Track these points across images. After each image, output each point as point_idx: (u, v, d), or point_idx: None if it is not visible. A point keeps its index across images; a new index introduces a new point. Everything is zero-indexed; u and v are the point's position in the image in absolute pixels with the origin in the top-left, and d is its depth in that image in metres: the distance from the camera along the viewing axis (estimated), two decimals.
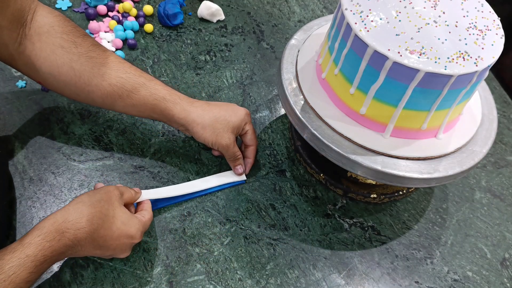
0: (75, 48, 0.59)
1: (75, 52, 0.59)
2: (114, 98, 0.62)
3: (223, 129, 0.64)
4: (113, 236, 0.53)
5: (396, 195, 0.68)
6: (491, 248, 0.68)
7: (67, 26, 0.60)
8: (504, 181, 0.76)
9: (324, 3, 0.99)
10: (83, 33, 0.61)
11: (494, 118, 0.64)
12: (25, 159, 0.66)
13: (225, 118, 0.64)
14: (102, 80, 0.60)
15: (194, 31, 0.88)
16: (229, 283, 0.60)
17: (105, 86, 0.61)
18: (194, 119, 0.63)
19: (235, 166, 0.67)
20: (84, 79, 0.60)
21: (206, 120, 0.63)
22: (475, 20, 0.54)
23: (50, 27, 0.59)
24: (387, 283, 0.62)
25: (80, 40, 0.60)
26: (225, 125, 0.64)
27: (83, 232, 0.51)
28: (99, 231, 0.52)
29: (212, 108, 0.65)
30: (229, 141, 0.64)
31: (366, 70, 0.53)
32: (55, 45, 0.58)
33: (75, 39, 0.60)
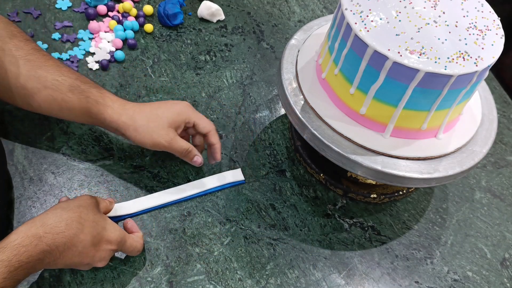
0: (16, 51, 0.59)
1: (15, 55, 0.59)
2: (49, 102, 0.61)
3: (157, 127, 0.60)
4: (93, 242, 0.52)
5: (396, 195, 0.68)
6: (491, 248, 0.68)
7: (12, 31, 0.61)
8: (504, 181, 0.76)
9: (324, 3, 0.99)
10: (26, 38, 0.62)
11: (494, 118, 0.64)
12: (25, 159, 0.66)
13: (158, 115, 0.60)
14: (38, 83, 0.60)
15: (194, 31, 0.88)
16: (229, 283, 0.60)
17: (40, 89, 0.60)
18: (125, 122, 0.60)
19: (191, 160, 0.63)
20: (21, 82, 0.59)
21: (138, 121, 0.60)
22: (475, 20, 0.54)
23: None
24: (387, 283, 0.62)
25: (22, 44, 0.60)
26: (159, 122, 0.60)
27: (62, 237, 0.49)
28: (79, 235, 0.50)
29: (144, 108, 0.61)
30: (168, 137, 0.60)
31: (366, 70, 0.53)
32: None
33: (17, 42, 0.60)
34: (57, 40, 0.80)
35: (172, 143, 0.61)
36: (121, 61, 0.80)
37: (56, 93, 0.60)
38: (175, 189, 0.66)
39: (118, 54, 0.79)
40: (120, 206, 0.63)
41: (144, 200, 0.64)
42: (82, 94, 0.60)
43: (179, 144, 0.61)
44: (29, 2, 0.85)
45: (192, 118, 0.63)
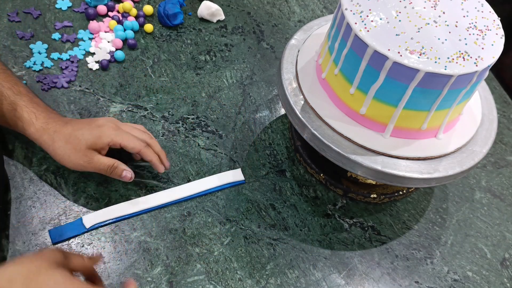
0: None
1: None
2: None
3: (75, 149, 0.58)
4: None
5: (396, 195, 0.68)
6: (491, 248, 0.68)
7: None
8: (504, 181, 0.76)
9: (324, 3, 0.99)
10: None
11: (494, 118, 0.64)
12: (25, 159, 0.66)
13: (77, 137, 0.58)
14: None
15: (194, 31, 0.88)
16: (229, 283, 0.60)
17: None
18: (45, 141, 0.59)
19: (120, 176, 0.61)
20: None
21: (56, 141, 0.58)
22: (475, 20, 0.54)
23: None
24: (387, 283, 0.62)
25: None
26: (76, 144, 0.58)
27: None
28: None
29: (67, 127, 0.59)
30: (86, 159, 0.58)
31: (366, 70, 0.53)
32: None
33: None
34: (57, 40, 0.80)
35: (92, 163, 0.59)
36: (121, 61, 0.80)
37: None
38: (175, 189, 0.66)
39: (118, 54, 0.79)
40: (120, 206, 0.63)
41: (144, 200, 0.64)
42: (10, 106, 0.59)
43: (100, 162, 0.59)
44: (29, 2, 0.85)
45: (117, 140, 0.60)
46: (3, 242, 0.59)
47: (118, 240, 0.61)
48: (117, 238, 0.61)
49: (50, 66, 0.77)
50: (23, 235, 0.60)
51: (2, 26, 0.80)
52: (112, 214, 0.62)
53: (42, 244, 0.59)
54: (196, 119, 0.75)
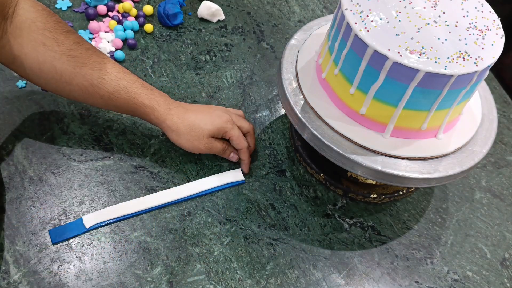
0: (57, 46, 0.59)
1: (57, 50, 0.59)
2: (95, 98, 0.63)
3: (198, 136, 0.64)
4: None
5: (396, 195, 0.68)
6: (491, 248, 0.68)
7: (50, 22, 0.60)
8: (504, 181, 0.76)
9: (324, 3, 0.99)
10: (66, 30, 0.61)
11: (494, 118, 0.64)
12: (25, 159, 0.66)
13: (200, 126, 0.64)
14: (84, 80, 0.61)
15: (194, 31, 0.88)
16: (229, 283, 0.60)
17: (87, 86, 0.61)
18: (169, 126, 0.64)
19: (228, 157, 0.68)
20: (66, 78, 0.60)
21: (181, 128, 0.64)
22: (475, 20, 0.54)
23: (32, 22, 0.58)
24: (387, 283, 0.62)
25: (62, 38, 0.60)
26: (200, 133, 0.64)
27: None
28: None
29: (189, 115, 0.65)
30: (207, 146, 0.65)
31: (366, 70, 0.53)
32: (37, 42, 0.58)
33: (57, 36, 0.59)
34: None
35: (211, 149, 0.66)
36: (121, 61, 0.80)
37: (103, 91, 0.62)
38: (175, 189, 0.66)
39: (118, 54, 0.79)
40: (120, 206, 0.63)
41: (144, 200, 0.64)
42: (128, 95, 0.62)
43: (216, 146, 0.66)
44: None
45: (229, 134, 0.66)
46: (3, 242, 0.59)
47: (118, 240, 0.61)
48: (117, 238, 0.61)
49: None
50: (23, 235, 0.60)
51: None
52: (112, 214, 0.62)
53: (42, 244, 0.59)
54: None
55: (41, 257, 0.58)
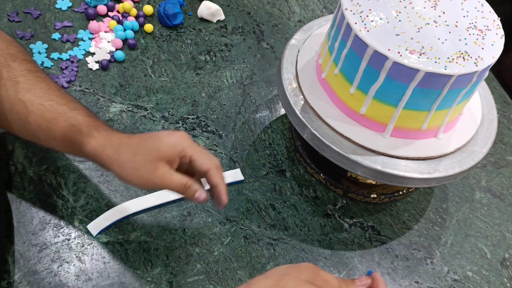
0: (6, 72, 0.55)
1: (4, 76, 0.54)
2: (34, 129, 0.54)
3: (144, 160, 0.49)
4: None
5: (396, 195, 0.68)
6: (491, 248, 0.68)
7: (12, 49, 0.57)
8: (504, 181, 0.76)
9: (324, 3, 0.99)
10: (24, 58, 0.57)
11: (494, 118, 0.64)
12: (25, 159, 0.66)
13: (146, 146, 0.50)
14: (23, 107, 0.54)
15: (194, 31, 0.88)
16: (229, 283, 0.60)
17: (26, 114, 0.54)
18: (109, 155, 0.51)
19: (193, 197, 0.52)
20: (8, 106, 0.54)
21: (123, 154, 0.50)
22: (475, 20, 0.54)
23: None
24: (387, 283, 0.62)
25: (16, 64, 0.55)
26: (147, 155, 0.49)
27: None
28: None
29: (132, 139, 0.52)
30: (158, 172, 0.49)
31: (366, 70, 0.53)
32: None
33: (10, 62, 0.55)
34: (57, 40, 0.80)
35: (164, 180, 0.50)
36: (121, 61, 0.80)
37: (42, 120, 0.53)
38: None
39: (118, 54, 0.79)
40: (120, 206, 0.63)
41: (144, 199, 0.64)
42: (66, 122, 0.53)
43: (173, 178, 0.50)
44: (29, 2, 0.85)
45: (189, 151, 0.51)
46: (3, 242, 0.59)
47: (118, 240, 0.61)
48: (117, 238, 0.61)
49: (50, 66, 0.77)
50: (23, 235, 0.60)
51: (2, 26, 0.80)
52: (114, 216, 0.62)
53: (42, 244, 0.59)
54: (196, 119, 0.75)
55: (41, 257, 0.58)
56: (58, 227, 0.61)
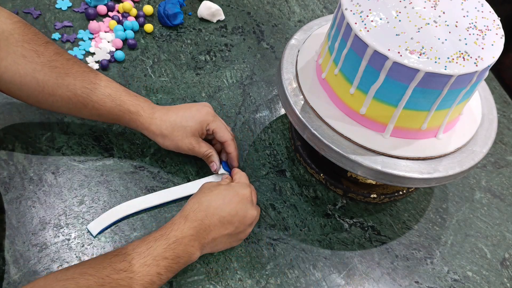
0: (38, 58, 0.59)
1: (37, 61, 0.59)
2: (79, 108, 0.62)
3: (181, 136, 0.63)
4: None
5: (396, 195, 0.68)
6: (491, 248, 0.68)
7: (28, 34, 0.59)
8: (504, 181, 0.76)
9: (324, 3, 0.99)
10: (45, 41, 0.61)
11: (494, 118, 0.64)
12: (25, 159, 0.66)
13: (182, 124, 0.63)
14: (67, 90, 0.60)
15: (194, 31, 0.88)
16: (229, 283, 0.60)
17: (70, 96, 0.61)
18: (153, 131, 0.63)
19: (209, 164, 0.67)
20: (48, 90, 0.60)
21: (164, 130, 0.63)
22: (475, 20, 0.54)
23: (10, 34, 0.58)
24: (387, 283, 0.62)
25: (42, 49, 0.59)
26: (183, 131, 0.63)
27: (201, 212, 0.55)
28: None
29: (170, 115, 0.64)
30: (191, 146, 0.64)
31: (366, 70, 0.53)
32: (16, 54, 0.58)
33: (36, 47, 0.59)
34: (57, 40, 0.80)
35: (195, 150, 0.65)
36: (121, 61, 0.80)
37: (87, 101, 0.61)
38: (175, 188, 0.66)
39: (118, 54, 0.79)
40: (120, 206, 0.63)
41: (144, 199, 0.64)
42: (113, 103, 0.62)
43: (200, 150, 0.65)
44: (29, 2, 0.85)
45: (212, 126, 0.65)
46: (3, 242, 0.59)
47: (118, 240, 0.61)
48: (117, 238, 0.61)
49: None
50: (23, 235, 0.60)
51: None
52: (114, 216, 0.62)
53: (42, 244, 0.59)
54: None
55: (41, 257, 0.58)
56: (58, 227, 0.61)
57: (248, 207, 0.58)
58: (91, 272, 0.48)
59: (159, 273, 0.51)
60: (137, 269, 0.50)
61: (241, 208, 0.57)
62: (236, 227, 0.57)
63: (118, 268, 0.49)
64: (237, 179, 0.62)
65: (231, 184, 0.60)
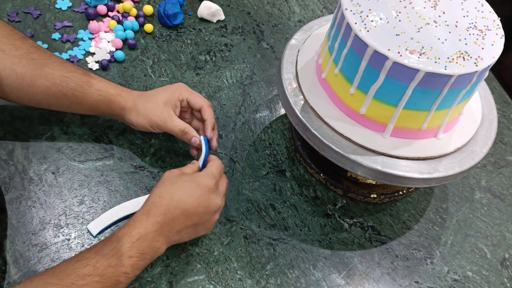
0: (16, 51, 0.60)
1: (15, 54, 0.60)
2: (59, 98, 0.62)
3: (153, 106, 0.63)
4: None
5: (396, 195, 0.68)
6: (491, 248, 0.68)
7: (5, 30, 0.61)
8: (504, 181, 0.76)
9: (324, 3, 0.99)
10: (21, 36, 0.62)
11: (494, 118, 0.64)
12: (25, 159, 0.66)
13: (155, 95, 0.64)
14: (46, 80, 0.61)
15: (194, 31, 0.88)
16: (229, 283, 0.60)
17: (49, 86, 0.61)
18: (130, 107, 0.64)
19: (189, 141, 0.64)
20: (27, 81, 0.60)
21: (138, 105, 0.63)
22: (475, 20, 0.54)
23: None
24: (387, 283, 0.62)
25: (19, 43, 0.61)
26: (155, 102, 0.63)
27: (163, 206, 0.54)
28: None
29: (146, 93, 0.65)
30: (162, 117, 0.62)
31: (366, 70, 0.53)
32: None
33: (14, 42, 0.60)
34: (57, 40, 0.80)
35: (168, 122, 0.62)
36: (121, 61, 0.80)
37: (66, 89, 0.62)
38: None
39: (118, 54, 0.79)
40: (120, 206, 0.63)
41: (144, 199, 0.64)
42: (92, 88, 0.63)
43: (175, 123, 0.63)
44: (29, 2, 0.85)
45: (185, 94, 0.64)
46: (3, 242, 0.59)
47: None
48: None
49: None
50: (23, 235, 0.60)
51: None
52: (114, 216, 0.62)
53: (42, 244, 0.59)
54: None
55: (41, 257, 0.58)
56: (58, 227, 0.61)
57: (211, 197, 0.56)
58: (55, 282, 0.46)
59: (126, 272, 0.50)
60: (102, 272, 0.48)
61: (204, 199, 0.55)
62: (200, 218, 0.55)
63: (83, 273, 0.48)
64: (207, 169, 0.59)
65: (193, 175, 0.57)
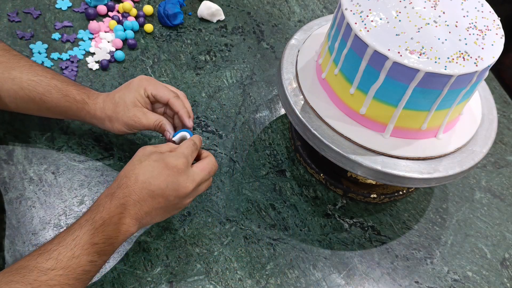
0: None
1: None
2: (26, 102, 0.61)
3: (123, 110, 0.60)
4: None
5: (396, 195, 0.68)
6: (491, 248, 0.68)
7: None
8: (504, 181, 0.76)
9: (324, 3, 0.99)
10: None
11: (494, 118, 0.64)
12: (25, 159, 0.66)
13: (122, 98, 0.60)
14: (13, 84, 0.60)
15: (194, 31, 0.88)
16: (229, 283, 0.60)
17: (17, 90, 0.60)
18: (100, 116, 0.61)
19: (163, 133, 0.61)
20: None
21: (107, 111, 0.61)
22: (475, 20, 0.54)
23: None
24: (387, 283, 0.62)
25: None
26: (124, 105, 0.60)
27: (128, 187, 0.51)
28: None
29: (112, 96, 0.62)
30: (136, 118, 0.60)
31: (366, 70, 0.53)
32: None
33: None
34: (57, 40, 0.80)
35: (142, 122, 0.60)
36: (121, 61, 0.80)
37: (33, 93, 0.61)
38: None
39: (118, 54, 0.79)
40: None
41: None
42: (60, 93, 0.61)
43: (148, 120, 0.60)
44: (29, 2, 0.85)
45: (149, 90, 0.60)
46: (3, 242, 0.59)
47: None
48: None
49: (50, 66, 0.77)
50: (23, 235, 0.60)
51: (2, 26, 0.80)
52: None
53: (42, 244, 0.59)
54: (196, 119, 0.75)
55: None
56: (58, 227, 0.61)
57: (180, 179, 0.52)
58: (17, 279, 0.45)
59: (92, 260, 0.48)
60: (66, 264, 0.46)
61: (172, 181, 0.51)
62: (168, 201, 0.52)
63: (45, 268, 0.46)
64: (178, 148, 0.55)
65: (163, 154, 0.53)
